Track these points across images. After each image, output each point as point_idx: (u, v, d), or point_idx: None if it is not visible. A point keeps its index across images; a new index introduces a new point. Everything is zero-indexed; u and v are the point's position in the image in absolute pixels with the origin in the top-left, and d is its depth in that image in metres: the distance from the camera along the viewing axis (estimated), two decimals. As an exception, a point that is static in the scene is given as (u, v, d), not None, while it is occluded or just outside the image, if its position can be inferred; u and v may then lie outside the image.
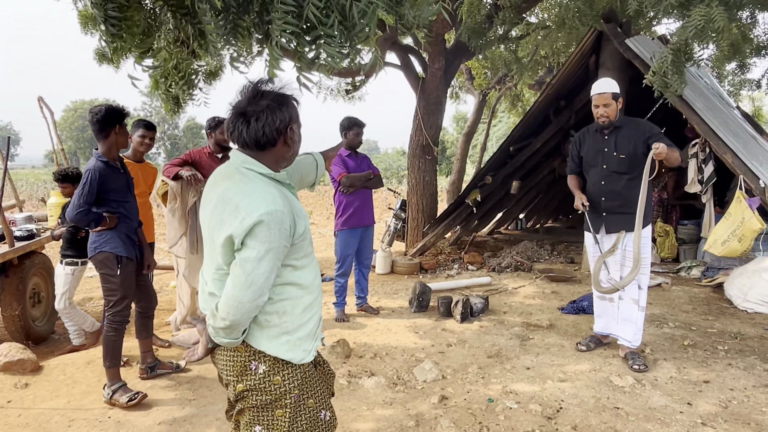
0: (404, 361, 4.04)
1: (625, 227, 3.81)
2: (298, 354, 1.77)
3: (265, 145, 1.73)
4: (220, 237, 1.64)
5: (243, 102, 1.72)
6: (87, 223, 3.29)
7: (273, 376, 1.73)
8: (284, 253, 1.68)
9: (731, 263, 6.13)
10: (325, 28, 2.02)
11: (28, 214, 5.18)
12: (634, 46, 5.93)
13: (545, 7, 9.50)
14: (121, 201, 3.43)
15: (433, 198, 8.37)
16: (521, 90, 13.60)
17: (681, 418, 3.11)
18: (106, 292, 3.42)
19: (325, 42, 2.06)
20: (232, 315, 1.62)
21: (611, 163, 3.84)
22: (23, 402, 3.45)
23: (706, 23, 3.53)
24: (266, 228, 1.59)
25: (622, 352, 3.97)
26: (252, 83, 1.75)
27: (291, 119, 1.75)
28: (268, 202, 1.62)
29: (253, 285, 1.60)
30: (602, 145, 3.90)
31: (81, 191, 3.23)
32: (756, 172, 5.28)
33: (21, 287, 4.39)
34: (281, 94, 1.75)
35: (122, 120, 3.37)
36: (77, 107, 62.60)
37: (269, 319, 1.72)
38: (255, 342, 1.73)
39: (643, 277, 3.82)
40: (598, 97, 3.79)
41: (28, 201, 15.30)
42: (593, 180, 4.00)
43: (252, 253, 1.60)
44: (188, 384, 3.67)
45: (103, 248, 3.36)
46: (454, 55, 8.13)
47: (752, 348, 4.20)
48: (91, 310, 5.67)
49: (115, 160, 3.45)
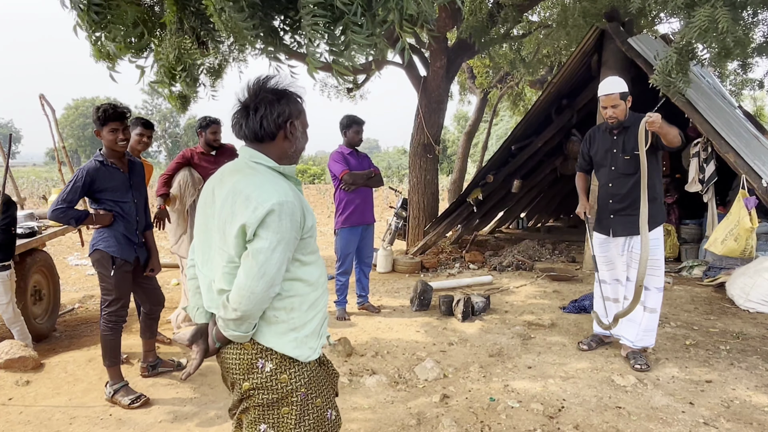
0: (406, 360, 4.04)
1: (633, 230, 3.76)
2: (304, 351, 1.76)
3: (264, 137, 1.74)
4: (233, 228, 1.64)
5: (245, 95, 1.74)
6: (67, 221, 3.29)
7: (280, 374, 1.73)
8: (295, 245, 1.69)
9: (733, 263, 6.12)
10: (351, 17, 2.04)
11: (29, 212, 5.17)
12: (636, 44, 5.91)
13: (547, 6, 9.49)
14: (118, 201, 3.39)
15: (435, 197, 8.36)
16: (523, 89, 13.58)
17: (683, 417, 3.11)
18: (102, 290, 3.43)
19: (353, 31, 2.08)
20: (244, 305, 1.62)
21: (618, 164, 3.79)
22: (24, 399, 3.45)
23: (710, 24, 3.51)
24: (278, 218, 1.60)
25: (624, 351, 3.96)
26: (256, 78, 1.77)
27: (291, 114, 1.75)
28: (279, 192, 1.63)
29: (266, 275, 1.61)
30: (611, 146, 3.85)
31: (65, 189, 3.26)
32: (758, 172, 5.28)
33: (22, 285, 4.39)
34: (281, 88, 1.76)
35: (119, 118, 3.33)
36: (78, 105, 62.64)
37: (278, 315, 1.72)
38: (263, 339, 1.72)
39: (655, 279, 3.75)
40: (606, 98, 3.69)
41: (30, 199, 15.32)
42: (602, 181, 3.96)
43: (264, 244, 1.60)
44: (190, 382, 3.67)
45: (98, 246, 3.37)
46: (456, 54, 8.12)
47: (754, 348, 4.19)
48: (93, 308, 5.68)
49: (122, 158, 3.43)
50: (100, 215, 3.33)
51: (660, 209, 3.79)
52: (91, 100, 63.24)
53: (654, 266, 3.74)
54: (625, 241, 3.84)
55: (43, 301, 4.80)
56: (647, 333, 3.82)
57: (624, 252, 3.85)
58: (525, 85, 12.94)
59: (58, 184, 17.11)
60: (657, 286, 3.78)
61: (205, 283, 1.80)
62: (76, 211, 3.29)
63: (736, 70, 8.33)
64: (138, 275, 3.59)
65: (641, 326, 3.80)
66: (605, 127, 3.88)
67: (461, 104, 14.62)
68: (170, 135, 63.78)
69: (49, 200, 5.15)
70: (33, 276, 4.63)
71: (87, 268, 8.16)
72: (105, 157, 3.36)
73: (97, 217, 3.33)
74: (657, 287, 3.78)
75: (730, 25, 3.46)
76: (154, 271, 3.71)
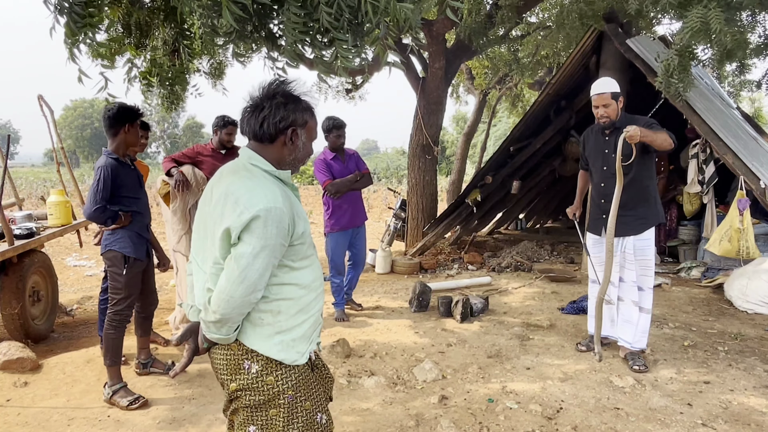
0: (404, 361, 4.04)
1: (626, 231, 3.78)
2: (291, 355, 1.75)
3: (263, 138, 1.74)
4: (219, 230, 1.64)
5: (257, 93, 1.75)
6: (104, 220, 3.31)
7: (266, 376, 1.72)
8: (281, 251, 1.67)
9: (731, 264, 6.13)
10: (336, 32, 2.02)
11: (27, 213, 5.16)
12: (635, 46, 5.92)
13: (545, 7, 9.49)
14: (134, 198, 3.47)
15: (433, 198, 8.36)
16: (521, 90, 13.59)
17: (681, 418, 3.11)
18: (111, 289, 3.46)
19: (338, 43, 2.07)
20: (222, 309, 1.61)
21: (611, 164, 3.79)
22: (22, 401, 3.44)
23: (702, 25, 3.52)
24: (263, 224, 1.59)
25: (623, 353, 3.96)
26: (273, 79, 1.77)
27: (295, 121, 1.75)
28: (268, 198, 1.62)
29: (246, 280, 1.60)
30: (603, 146, 3.87)
31: (96, 188, 3.25)
32: (757, 173, 5.28)
33: (20, 286, 4.38)
34: (292, 94, 1.76)
35: (134, 119, 3.40)
36: (77, 106, 62.56)
37: (263, 317, 1.71)
38: (248, 341, 1.72)
39: (647, 279, 3.79)
40: (598, 98, 3.75)
41: (28, 199, 15.28)
42: (595, 181, 3.99)
43: (247, 249, 1.59)
44: (188, 383, 3.67)
45: (112, 246, 3.41)
46: (455, 55, 8.13)
47: (752, 349, 4.19)
48: (91, 309, 5.67)
49: (125, 157, 3.49)
50: (125, 215, 3.39)
51: (653, 210, 3.79)
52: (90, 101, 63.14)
53: (646, 266, 3.79)
54: (618, 242, 3.83)
55: (41, 302, 4.79)
56: (644, 334, 3.84)
57: (617, 252, 3.84)
58: (524, 86, 12.95)
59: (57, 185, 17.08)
60: (650, 287, 3.82)
61: (199, 281, 1.79)
62: (111, 211, 3.32)
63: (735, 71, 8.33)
64: (144, 273, 3.64)
65: (638, 327, 3.81)
66: (598, 127, 3.91)
67: (457, 104, 14.62)
68: (169, 136, 63.77)
69: (47, 201, 5.14)
70: (31, 277, 4.63)
71: (86, 269, 8.15)
72: (119, 155, 3.40)
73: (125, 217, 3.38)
74: (650, 287, 3.82)
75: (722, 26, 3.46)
76: (165, 267, 3.87)
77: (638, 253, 3.78)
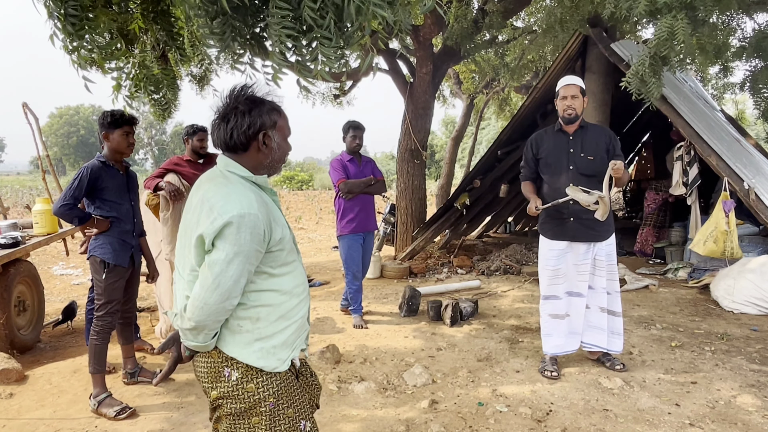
0: (394, 366, 4.04)
1: (596, 237, 3.67)
2: (271, 362, 1.73)
3: (235, 148, 1.73)
4: (193, 237, 1.63)
5: (220, 104, 1.74)
6: (71, 219, 3.33)
7: (246, 383, 1.71)
8: (257, 258, 1.65)
9: (717, 264, 6.20)
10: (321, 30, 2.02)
11: (12, 222, 5.10)
12: (619, 50, 6.00)
13: (531, 12, 9.58)
14: (116, 203, 3.48)
15: (422, 202, 8.38)
16: (508, 94, 13.68)
17: (669, 419, 3.13)
18: (95, 296, 3.49)
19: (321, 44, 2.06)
20: (197, 316, 1.60)
21: (580, 164, 3.64)
22: (8, 412, 3.40)
23: (668, 35, 3.61)
24: (236, 230, 1.58)
25: (595, 356, 3.97)
26: (232, 87, 1.75)
27: (264, 125, 1.73)
28: (243, 204, 1.61)
29: (220, 287, 1.58)
30: (567, 146, 3.71)
31: (71, 185, 3.32)
32: (740, 174, 5.36)
33: (6, 295, 4.33)
34: (255, 98, 1.74)
35: (131, 123, 3.47)
36: (62, 113, 62.07)
37: (242, 324, 1.70)
38: (227, 348, 1.71)
39: (615, 283, 3.79)
40: (567, 88, 3.63)
41: (13, 208, 15.13)
42: (557, 184, 3.68)
43: (221, 255, 1.58)
44: (176, 392, 3.64)
45: (94, 252, 3.45)
46: (442, 60, 8.17)
47: (738, 348, 4.24)
48: (78, 317, 5.60)
49: (119, 162, 3.54)
50: (100, 221, 3.41)
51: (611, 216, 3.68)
52: (75, 108, 62.70)
53: (614, 271, 3.79)
54: (588, 249, 3.71)
55: (27, 312, 4.73)
56: (619, 337, 3.81)
57: (587, 260, 3.72)
58: (510, 90, 13.03)
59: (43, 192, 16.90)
60: (617, 290, 3.83)
61: (179, 288, 1.78)
62: (80, 210, 3.36)
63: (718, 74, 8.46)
64: (129, 280, 3.65)
65: (613, 331, 3.80)
66: (557, 127, 3.77)
67: (444, 106, 14.68)
68: (157, 142, 63.40)
69: (33, 210, 5.09)
70: (17, 287, 4.57)
71: (72, 277, 8.07)
72: (107, 159, 3.47)
73: (97, 221, 3.40)
74: (617, 291, 3.83)
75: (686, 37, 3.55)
76: (154, 278, 3.88)
77: (608, 258, 3.74)
